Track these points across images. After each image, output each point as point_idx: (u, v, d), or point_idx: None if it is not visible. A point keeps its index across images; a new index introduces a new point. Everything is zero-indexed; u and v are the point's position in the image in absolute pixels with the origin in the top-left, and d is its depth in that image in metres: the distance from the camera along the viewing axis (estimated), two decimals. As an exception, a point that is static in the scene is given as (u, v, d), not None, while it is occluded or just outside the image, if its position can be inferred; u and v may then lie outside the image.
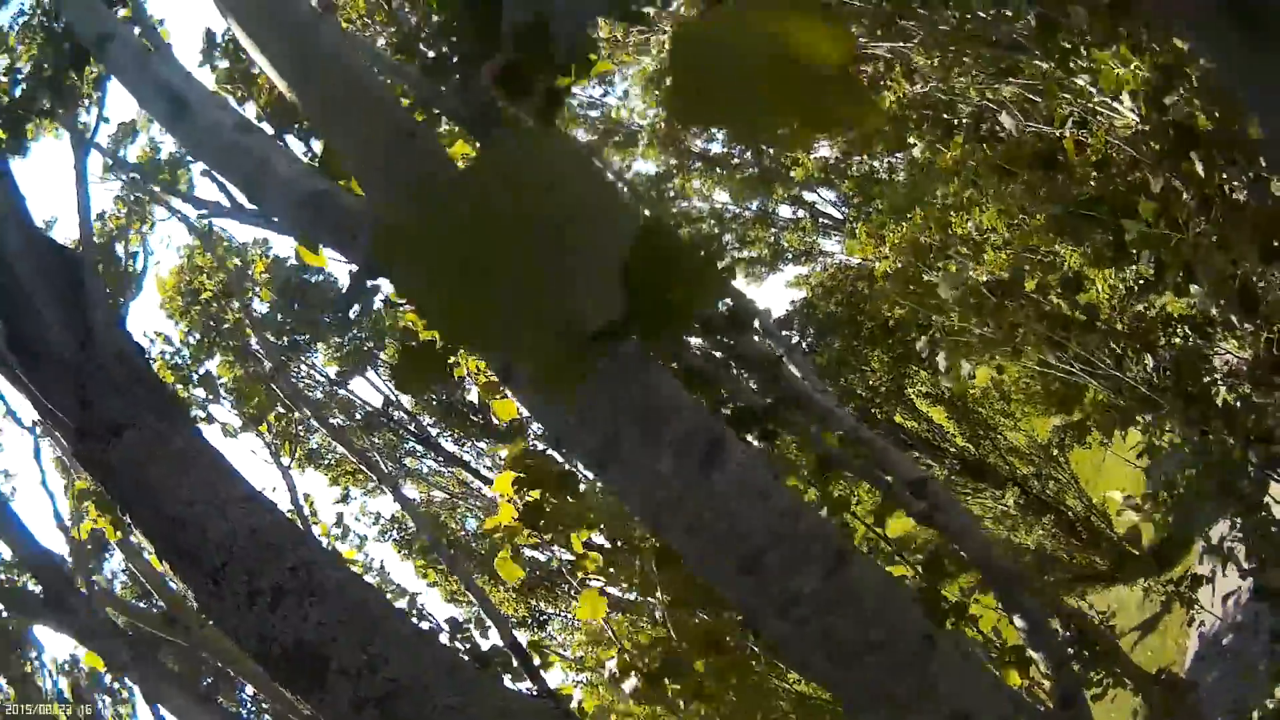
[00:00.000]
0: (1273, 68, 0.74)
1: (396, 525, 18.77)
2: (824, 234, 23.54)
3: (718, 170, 23.63)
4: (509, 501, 4.73)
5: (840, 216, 23.00)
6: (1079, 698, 4.09)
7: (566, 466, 4.89)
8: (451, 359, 2.62)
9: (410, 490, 18.53)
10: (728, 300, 4.54)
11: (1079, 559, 15.83)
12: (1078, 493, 16.06)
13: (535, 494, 4.82)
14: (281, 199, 2.50)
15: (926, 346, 8.95)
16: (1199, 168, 6.16)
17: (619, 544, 5.05)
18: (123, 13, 3.82)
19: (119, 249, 7.05)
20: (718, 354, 4.57)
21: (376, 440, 16.16)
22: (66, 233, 11.15)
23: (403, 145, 2.03)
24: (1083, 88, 7.14)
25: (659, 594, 4.80)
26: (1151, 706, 7.33)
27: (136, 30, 3.43)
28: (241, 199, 4.70)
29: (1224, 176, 6.21)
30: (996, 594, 4.31)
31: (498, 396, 4.80)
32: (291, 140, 3.94)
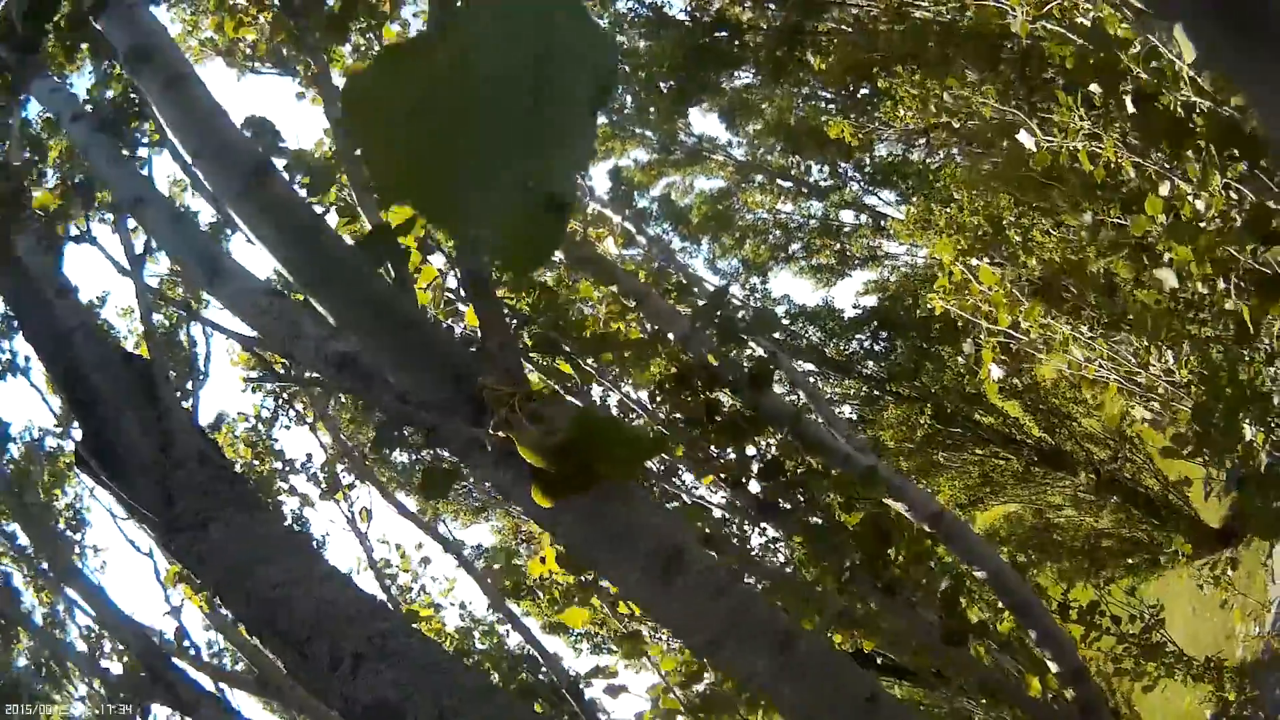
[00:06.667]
0: (1267, 73, 0.75)
1: (484, 558, 19.26)
2: (887, 237, 23.66)
3: (779, 183, 23.89)
4: (552, 545, 4.94)
5: (902, 218, 23.13)
6: (1098, 704, 4.39)
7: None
8: (460, 475, 3.02)
9: (498, 523, 18.96)
10: (747, 364, 4.86)
11: (1158, 538, 15.82)
12: (1154, 472, 16.05)
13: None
14: (312, 356, 2.86)
15: (970, 350, 9.11)
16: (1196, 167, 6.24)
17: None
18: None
19: (181, 335, 7.40)
20: (746, 411, 4.91)
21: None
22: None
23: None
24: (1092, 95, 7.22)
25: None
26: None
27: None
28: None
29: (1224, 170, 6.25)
30: (1011, 610, 4.61)
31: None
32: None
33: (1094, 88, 7.02)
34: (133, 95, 4.44)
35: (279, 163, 3.01)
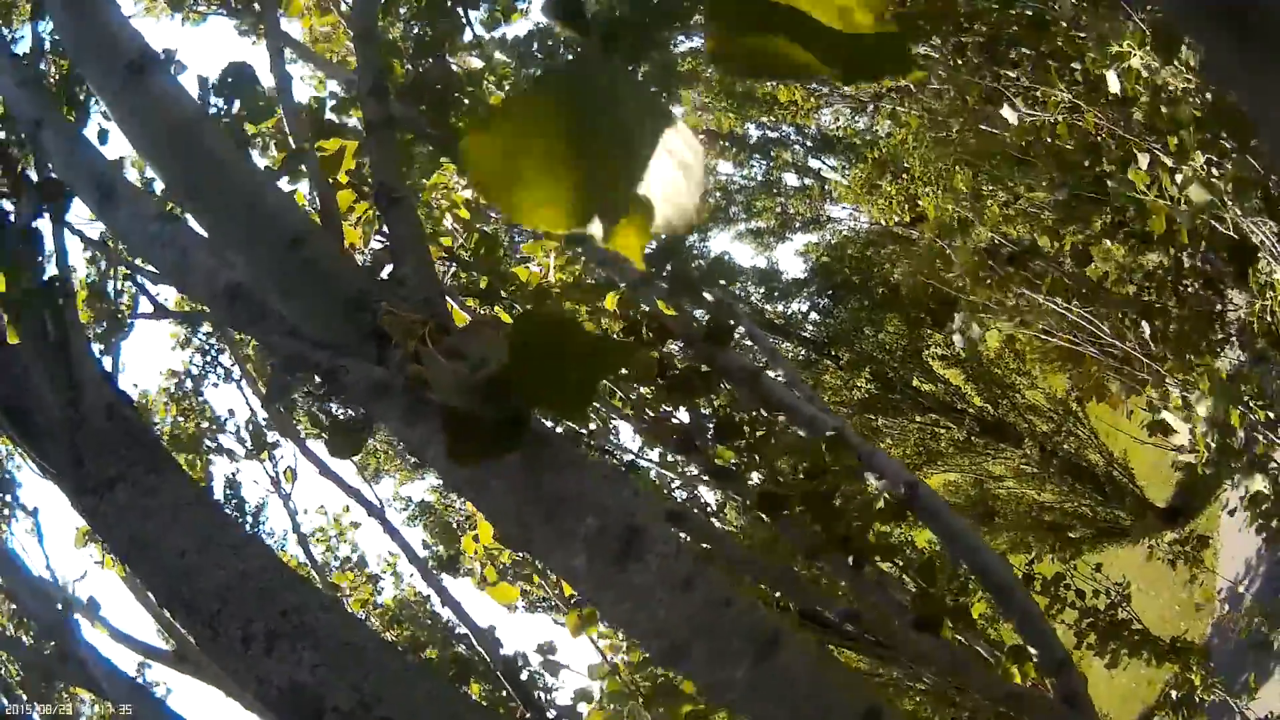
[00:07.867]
0: (1269, 83, 0.74)
1: (427, 512, 18.91)
2: (831, 201, 23.42)
3: (721, 144, 23.55)
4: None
5: (846, 183, 22.89)
6: (1082, 696, 4.03)
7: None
8: (371, 429, 2.62)
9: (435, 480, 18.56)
10: (705, 315, 4.47)
11: (1102, 514, 15.77)
12: (1098, 447, 15.94)
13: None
14: (203, 289, 2.48)
15: (961, 318, 8.89)
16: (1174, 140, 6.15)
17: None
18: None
19: (110, 287, 6.93)
20: (702, 367, 4.51)
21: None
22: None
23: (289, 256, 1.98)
24: (1072, 71, 7.17)
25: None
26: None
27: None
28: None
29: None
30: (989, 593, 4.24)
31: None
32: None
33: (1075, 65, 6.95)
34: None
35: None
